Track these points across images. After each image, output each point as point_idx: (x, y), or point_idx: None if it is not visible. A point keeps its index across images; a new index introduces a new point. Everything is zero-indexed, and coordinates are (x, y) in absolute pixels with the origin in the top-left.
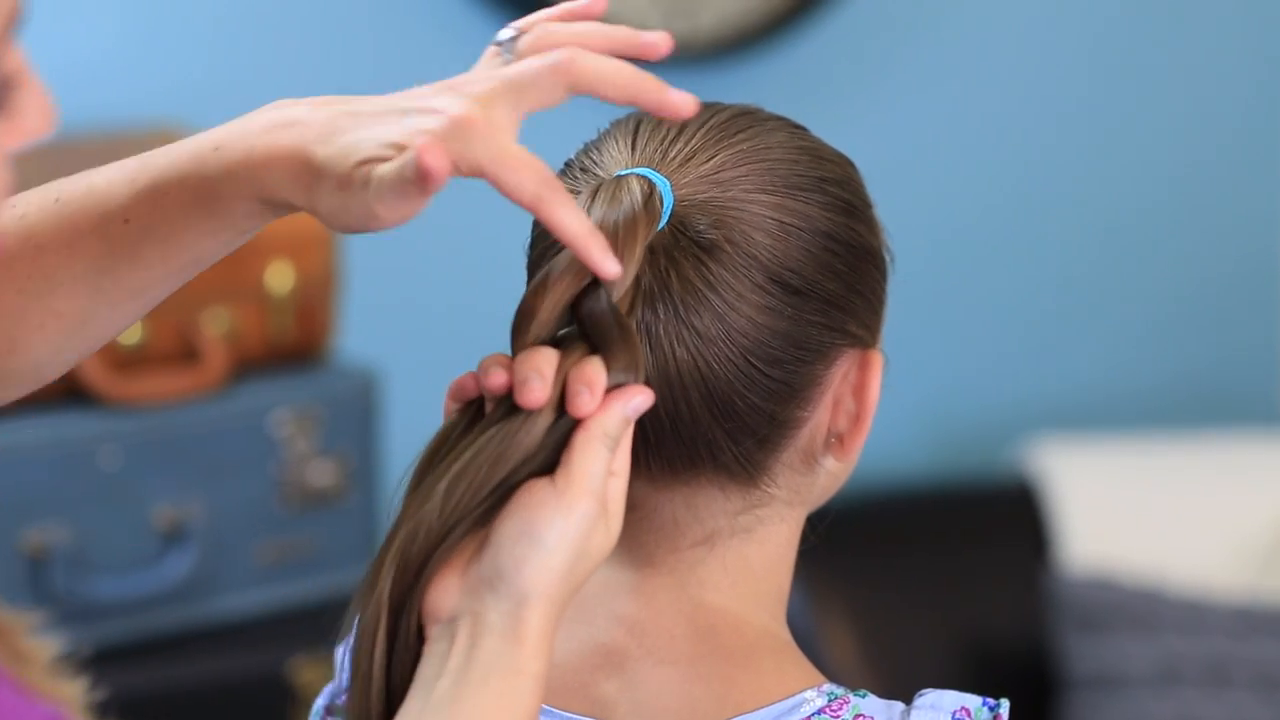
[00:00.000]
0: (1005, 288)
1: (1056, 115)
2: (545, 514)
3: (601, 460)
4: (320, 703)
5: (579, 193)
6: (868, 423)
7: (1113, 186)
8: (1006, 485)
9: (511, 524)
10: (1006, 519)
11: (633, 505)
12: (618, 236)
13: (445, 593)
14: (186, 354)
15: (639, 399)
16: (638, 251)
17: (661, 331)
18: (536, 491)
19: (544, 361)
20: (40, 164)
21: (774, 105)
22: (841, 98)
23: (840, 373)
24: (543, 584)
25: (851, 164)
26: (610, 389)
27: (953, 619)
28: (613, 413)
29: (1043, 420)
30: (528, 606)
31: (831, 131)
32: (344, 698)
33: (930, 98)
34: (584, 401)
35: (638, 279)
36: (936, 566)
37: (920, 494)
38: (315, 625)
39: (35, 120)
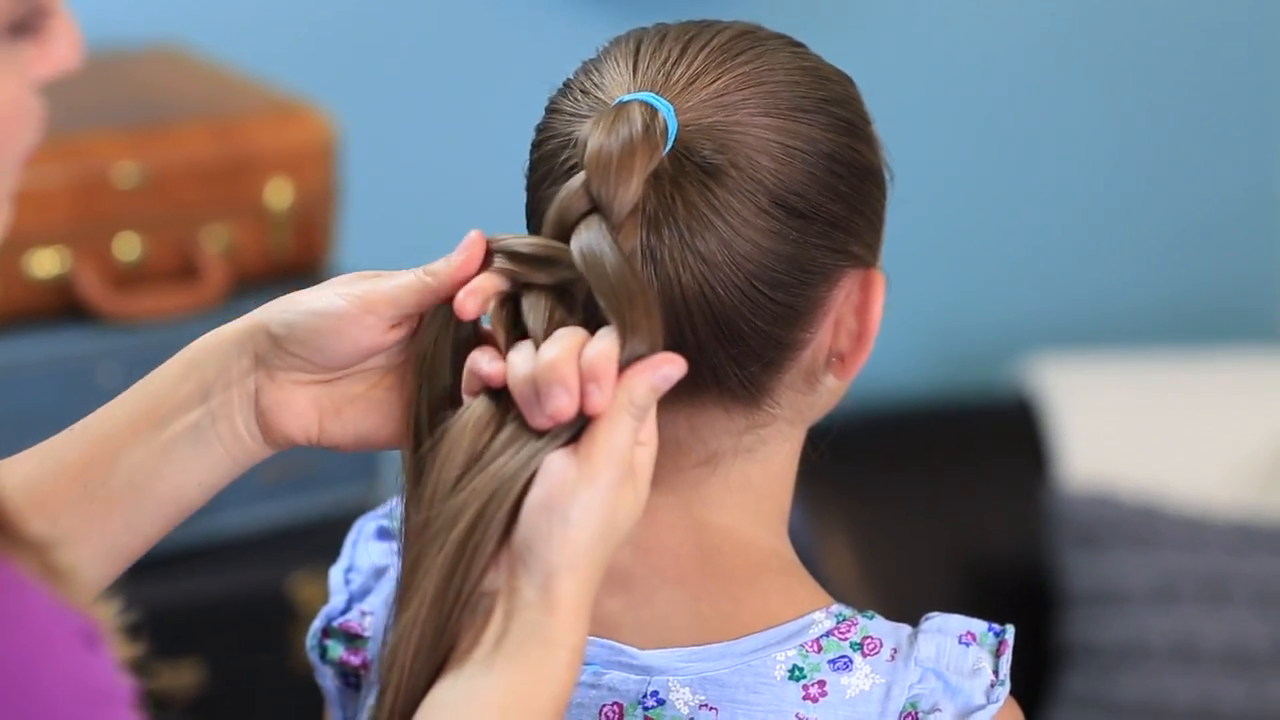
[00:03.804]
0: (1006, 204)
1: (1059, 34)
2: (568, 488)
3: (624, 430)
4: (317, 625)
5: (582, 116)
6: (870, 342)
7: (1114, 103)
8: (1006, 402)
9: (536, 499)
10: (1006, 435)
11: None
12: (611, 166)
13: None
14: (185, 270)
15: (667, 369)
16: (634, 182)
17: (666, 257)
18: (557, 465)
19: (565, 368)
20: None
21: (777, 19)
22: (845, 9)
23: (843, 293)
24: (570, 556)
25: (851, 81)
26: (635, 358)
27: (952, 535)
28: (638, 384)
29: (1043, 337)
30: (557, 579)
31: (832, 43)
32: (341, 621)
33: (934, 12)
34: (597, 401)
35: (643, 206)
36: (936, 483)
37: (920, 411)
38: (316, 542)
39: (64, 49)
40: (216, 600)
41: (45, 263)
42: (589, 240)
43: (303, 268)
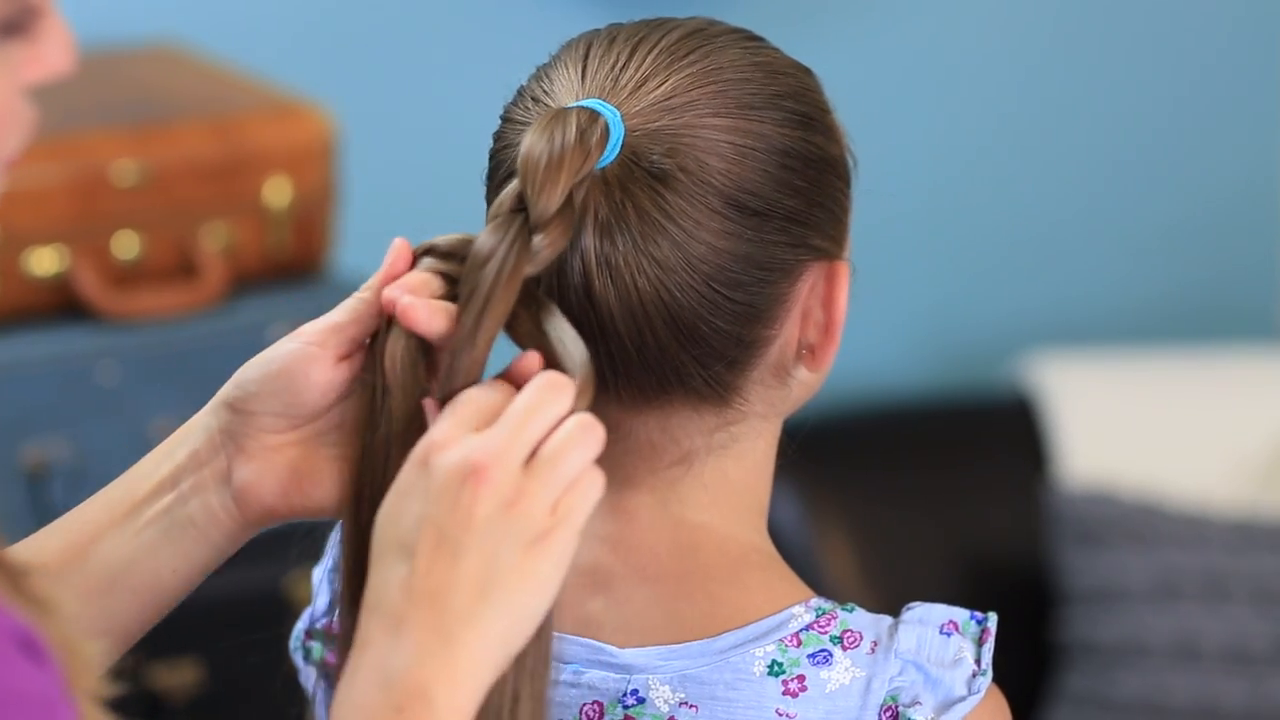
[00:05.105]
0: (1004, 201)
1: (1056, 28)
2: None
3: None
4: (300, 627)
5: (530, 124)
6: (838, 333)
7: (1114, 100)
8: (1005, 399)
9: None
10: (1005, 433)
11: (608, 429)
12: (537, 174)
13: None
14: (184, 269)
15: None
16: (560, 187)
17: (622, 262)
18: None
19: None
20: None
21: (777, 16)
22: (838, 8)
23: (807, 286)
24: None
25: (808, 72)
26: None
27: (952, 533)
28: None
29: (1041, 334)
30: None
31: (826, 43)
32: (324, 621)
33: (933, 7)
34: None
35: (595, 213)
36: (935, 481)
37: (919, 408)
38: (312, 541)
39: (56, 54)
40: (215, 600)
41: (44, 261)
42: (484, 237)
43: (302, 266)
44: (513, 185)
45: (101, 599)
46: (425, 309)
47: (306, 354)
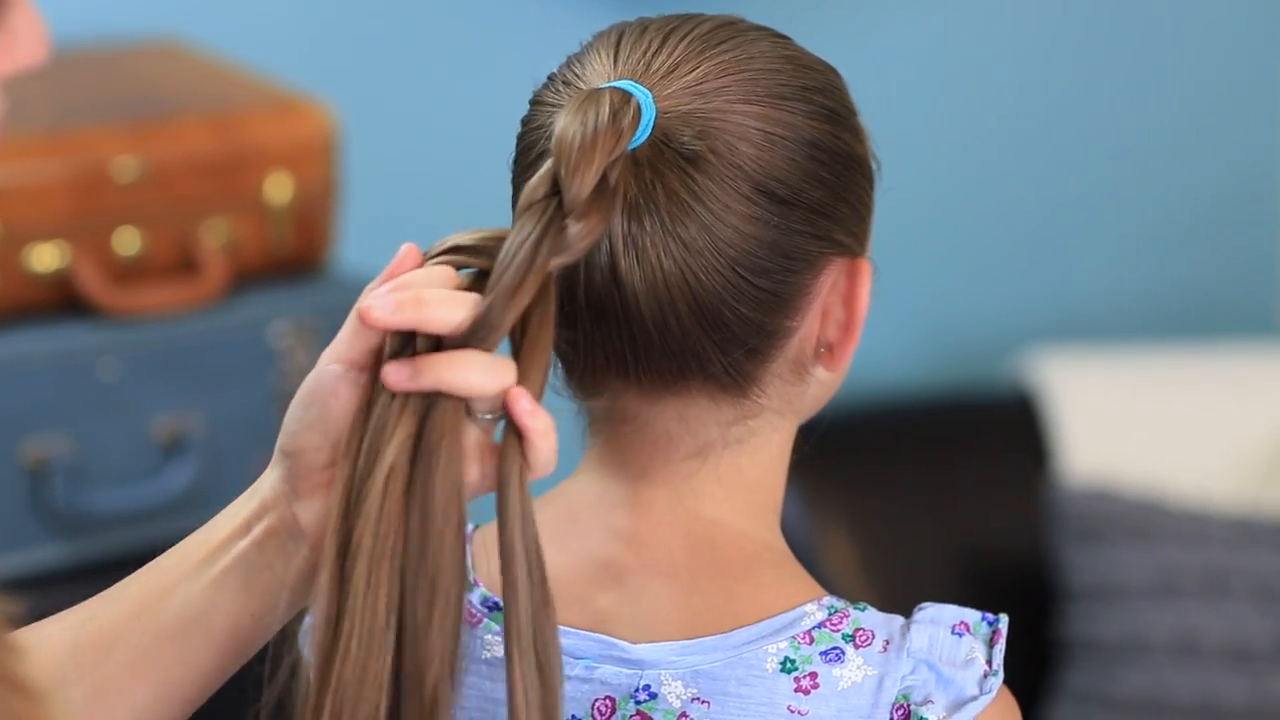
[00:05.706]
0: (1005, 198)
1: (1058, 26)
2: None
3: None
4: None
5: (562, 106)
6: (858, 332)
7: (1114, 97)
8: (1006, 396)
9: None
10: (1006, 430)
11: (625, 419)
12: (571, 154)
13: None
14: (185, 265)
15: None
16: (594, 168)
17: (648, 244)
18: None
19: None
20: (29, 78)
21: (776, 15)
22: (836, 6)
23: (828, 282)
24: None
25: (835, 71)
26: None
27: (952, 530)
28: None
29: (1042, 331)
30: None
31: (830, 38)
32: None
33: (931, 7)
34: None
35: (625, 193)
36: (936, 478)
37: (920, 405)
38: None
39: (29, 45)
40: None
41: (45, 257)
42: (519, 228)
43: (303, 263)
44: (545, 168)
45: (178, 644)
46: (434, 296)
47: (328, 375)
